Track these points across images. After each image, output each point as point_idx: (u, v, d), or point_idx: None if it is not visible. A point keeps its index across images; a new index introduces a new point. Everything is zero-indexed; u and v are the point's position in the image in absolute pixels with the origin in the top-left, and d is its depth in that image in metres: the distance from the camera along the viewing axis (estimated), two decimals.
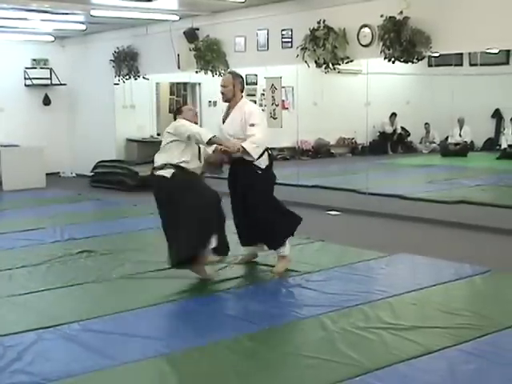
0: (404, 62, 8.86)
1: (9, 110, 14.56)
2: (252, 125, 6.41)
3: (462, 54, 13.65)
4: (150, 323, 5.20)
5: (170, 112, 17.15)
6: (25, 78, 14.88)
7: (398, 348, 4.52)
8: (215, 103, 15.92)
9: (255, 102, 16.38)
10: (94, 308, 5.57)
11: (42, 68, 15.08)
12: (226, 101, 6.71)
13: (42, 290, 6.05)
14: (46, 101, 15.24)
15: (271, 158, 6.67)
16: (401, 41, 8.64)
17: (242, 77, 6.77)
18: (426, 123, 18.62)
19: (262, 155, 6.48)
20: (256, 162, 6.45)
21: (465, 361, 4.33)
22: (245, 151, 6.32)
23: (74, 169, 15.40)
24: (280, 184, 11.97)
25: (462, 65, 15.50)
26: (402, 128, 18.93)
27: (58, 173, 15.32)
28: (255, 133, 6.37)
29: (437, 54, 9.77)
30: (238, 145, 6.31)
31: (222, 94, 6.66)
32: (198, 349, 4.60)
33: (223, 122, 6.70)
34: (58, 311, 5.51)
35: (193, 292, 5.96)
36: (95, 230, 8.69)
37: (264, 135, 6.49)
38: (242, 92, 6.70)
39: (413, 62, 8.92)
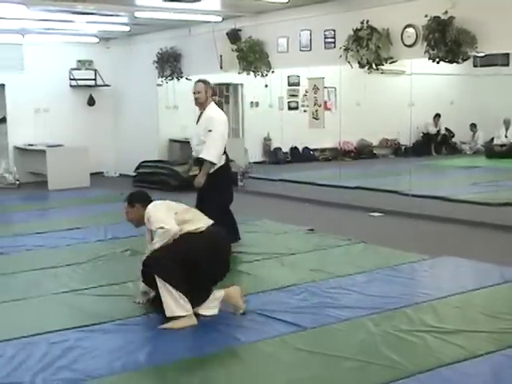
0: (449, 62, 8.77)
1: (54, 111, 14.78)
2: (210, 130, 7.14)
3: (508, 53, 13.46)
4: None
5: None
6: (70, 79, 15.10)
7: (441, 351, 4.47)
8: (257, 104, 15.98)
9: (297, 102, 16.53)
10: (136, 307, 5.60)
11: (86, 69, 15.27)
12: (198, 105, 7.38)
13: (86, 288, 6.11)
14: (91, 101, 15.43)
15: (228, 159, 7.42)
16: (446, 41, 8.54)
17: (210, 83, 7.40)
18: (473, 124, 18.39)
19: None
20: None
21: (509, 366, 4.27)
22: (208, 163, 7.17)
23: (118, 169, 15.56)
24: (322, 185, 12.18)
25: (508, 65, 15.26)
26: (446, 129, 18.74)
27: (102, 172, 15.49)
28: (210, 139, 7.13)
29: (482, 54, 9.65)
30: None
31: (196, 99, 7.27)
32: (241, 349, 4.62)
33: (197, 123, 7.44)
34: (102, 309, 5.56)
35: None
36: (138, 230, 8.71)
37: (218, 139, 7.18)
38: (212, 96, 7.37)
39: (458, 63, 8.82)
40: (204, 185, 7.23)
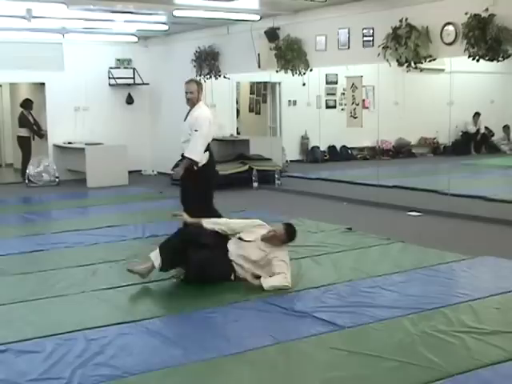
0: (489, 60, 8.66)
1: (93, 109, 14.95)
2: (196, 130, 7.42)
3: None
4: (231, 322, 5.21)
5: (249, 111, 17.30)
6: (109, 78, 15.24)
7: (480, 353, 4.42)
8: (295, 102, 16.00)
9: (335, 100, 16.50)
10: (174, 305, 5.65)
11: (125, 68, 15.42)
12: (190, 104, 7.63)
13: (124, 286, 6.16)
14: (129, 100, 15.57)
15: (211, 157, 7.75)
16: (486, 39, 8.44)
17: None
18: (506, 125, 18.21)
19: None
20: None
21: None
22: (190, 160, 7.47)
23: (156, 167, 15.67)
24: (360, 184, 12.13)
25: None
26: (486, 128, 18.54)
27: (140, 171, 15.62)
28: (194, 138, 7.43)
29: None
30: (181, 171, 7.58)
31: (188, 99, 7.57)
32: (277, 347, 4.61)
33: (184, 120, 7.66)
34: (140, 306, 5.62)
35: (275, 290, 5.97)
36: (176, 228, 8.78)
37: (203, 138, 7.50)
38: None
39: (498, 61, 8.71)
40: (188, 181, 7.59)
